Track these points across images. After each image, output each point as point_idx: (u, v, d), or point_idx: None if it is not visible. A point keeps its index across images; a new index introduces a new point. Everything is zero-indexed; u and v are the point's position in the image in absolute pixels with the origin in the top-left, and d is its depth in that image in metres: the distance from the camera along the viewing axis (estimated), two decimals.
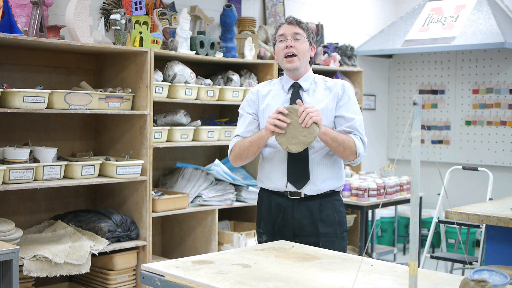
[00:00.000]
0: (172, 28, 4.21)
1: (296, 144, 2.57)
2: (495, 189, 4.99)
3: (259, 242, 2.84)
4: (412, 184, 1.59)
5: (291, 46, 2.71)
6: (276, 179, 2.75)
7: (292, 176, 2.72)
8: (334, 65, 5.36)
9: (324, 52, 5.35)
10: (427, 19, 6.04)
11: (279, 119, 2.55)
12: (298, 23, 2.75)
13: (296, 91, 2.78)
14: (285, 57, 2.73)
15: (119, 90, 3.74)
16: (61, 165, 3.43)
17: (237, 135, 2.83)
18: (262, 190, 2.86)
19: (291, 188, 2.73)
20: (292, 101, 2.74)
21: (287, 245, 2.49)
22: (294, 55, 2.72)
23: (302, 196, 2.73)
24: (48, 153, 3.41)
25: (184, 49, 4.11)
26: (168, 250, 4.48)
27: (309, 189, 2.72)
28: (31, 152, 3.36)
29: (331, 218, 2.75)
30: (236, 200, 4.41)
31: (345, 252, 2.65)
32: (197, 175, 4.32)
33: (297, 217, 2.73)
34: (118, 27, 3.65)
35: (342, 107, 2.74)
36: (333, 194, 2.80)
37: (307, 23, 2.80)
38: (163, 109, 4.31)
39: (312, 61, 2.85)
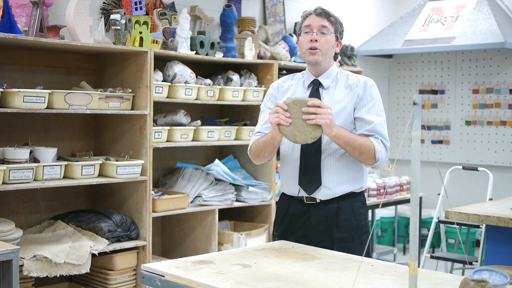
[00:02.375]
0: (172, 28, 4.21)
1: (303, 135, 2.38)
2: (495, 189, 5.00)
3: None
4: (412, 184, 1.59)
5: (315, 40, 2.54)
6: (289, 184, 2.66)
7: (303, 181, 2.59)
8: None
9: None
10: (427, 19, 6.04)
11: (280, 113, 2.36)
12: (327, 15, 2.57)
13: (315, 88, 2.62)
14: (308, 49, 2.57)
15: (119, 90, 3.74)
16: (61, 165, 3.43)
17: (257, 132, 2.71)
18: (283, 195, 2.76)
19: (303, 193, 2.61)
20: None
21: (287, 245, 2.49)
22: (317, 49, 2.56)
23: (318, 201, 2.61)
24: (48, 153, 3.41)
25: (184, 49, 4.11)
26: (168, 250, 4.48)
27: (322, 194, 2.59)
28: (31, 152, 3.36)
29: (347, 222, 2.60)
30: (236, 200, 4.40)
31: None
32: (197, 175, 4.31)
33: (313, 222, 2.61)
34: (118, 27, 3.65)
35: (362, 108, 2.57)
36: (353, 196, 2.63)
37: (336, 16, 2.62)
38: (163, 109, 4.30)
39: (336, 57, 2.68)
